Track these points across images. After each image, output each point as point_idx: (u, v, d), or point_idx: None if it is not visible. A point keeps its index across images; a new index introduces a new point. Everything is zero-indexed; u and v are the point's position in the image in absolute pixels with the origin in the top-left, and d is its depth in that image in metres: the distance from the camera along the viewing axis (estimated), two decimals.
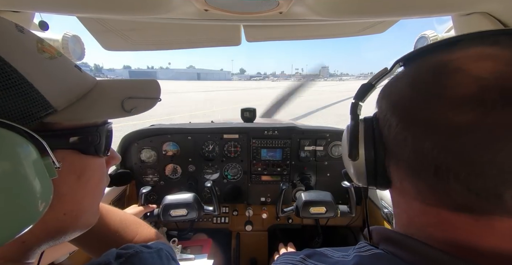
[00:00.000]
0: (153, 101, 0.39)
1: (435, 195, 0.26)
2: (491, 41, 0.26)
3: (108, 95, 0.36)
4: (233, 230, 1.33)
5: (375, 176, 0.33)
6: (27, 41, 0.29)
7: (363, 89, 0.36)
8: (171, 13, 0.69)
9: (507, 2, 0.61)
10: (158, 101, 0.40)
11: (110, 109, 0.35)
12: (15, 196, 0.24)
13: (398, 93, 0.30)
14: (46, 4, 0.62)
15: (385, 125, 0.30)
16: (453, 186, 0.24)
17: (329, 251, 0.37)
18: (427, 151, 0.25)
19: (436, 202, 0.27)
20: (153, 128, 1.28)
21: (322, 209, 1.01)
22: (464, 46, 0.28)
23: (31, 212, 0.26)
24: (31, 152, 0.25)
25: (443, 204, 0.27)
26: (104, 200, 1.01)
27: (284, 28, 0.98)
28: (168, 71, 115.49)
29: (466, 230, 0.26)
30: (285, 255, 0.39)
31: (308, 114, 9.74)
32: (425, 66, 0.29)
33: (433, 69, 0.27)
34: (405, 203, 0.32)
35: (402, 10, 0.66)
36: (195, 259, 0.96)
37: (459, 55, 0.26)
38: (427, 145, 0.25)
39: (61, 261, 0.77)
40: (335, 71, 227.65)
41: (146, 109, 0.38)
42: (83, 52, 0.87)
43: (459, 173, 0.23)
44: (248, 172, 1.31)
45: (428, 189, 0.26)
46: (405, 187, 0.30)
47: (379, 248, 0.32)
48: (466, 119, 0.22)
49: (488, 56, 0.24)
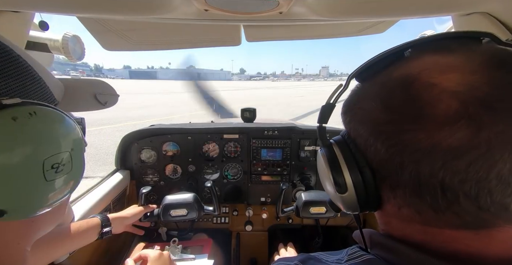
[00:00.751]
0: (116, 96, 0.50)
1: (441, 217, 0.25)
2: (442, 48, 0.26)
3: (81, 91, 0.43)
4: (233, 230, 1.33)
5: (367, 203, 0.31)
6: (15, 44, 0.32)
7: (324, 111, 0.34)
8: (171, 13, 0.69)
9: (507, 2, 0.61)
10: (118, 97, 0.51)
11: (90, 102, 0.43)
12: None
13: (370, 115, 0.28)
14: (46, 4, 0.62)
15: (369, 149, 0.28)
16: (463, 206, 0.23)
17: (323, 255, 0.37)
18: (429, 175, 0.23)
19: (440, 223, 0.26)
20: (153, 128, 1.28)
21: (322, 209, 1.01)
22: (416, 55, 0.28)
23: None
24: (78, 129, 0.31)
25: (448, 225, 0.26)
26: (104, 200, 1.02)
27: (284, 28, 0.98)
28: (168, 71, 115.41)
29: (465, 244, 0.26)
30: (280, 261, 0.39)
31: (308, 114, 9.75)
32: (390, 82, 0.27)
33: (401, 86, 0.26)
34: (401, 224, 0.30)
35: (402, 10, 0.66)
36: (195, 259, 0.96)
37: (419, 67, 0.26)
38: (427, 169, 0.23)
39: (61, 261, 0.77)
40: (335, 71, 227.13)
41: (114, 103, 0.49)
42: (83, 52, 0.87)
43: (468, 192, 0.22)
44: (248, 172, 1.31)
45: (433, 212, 0.25)
46: (404, 213, 0.28)
47: (371, 253, 0.32)
48: (461, 138, 0.22)
49: (449, 67, 0.24)
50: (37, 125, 0.25)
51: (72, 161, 0.29)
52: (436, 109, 0.23)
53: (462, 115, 0.22)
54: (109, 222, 0.85)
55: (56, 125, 0.28)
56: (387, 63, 0.29)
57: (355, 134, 0.30)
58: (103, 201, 1.01)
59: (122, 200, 1.20)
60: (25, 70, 0.29)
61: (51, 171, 0.26)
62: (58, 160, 0.27)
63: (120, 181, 1.17)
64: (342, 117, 0.33)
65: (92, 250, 0.96)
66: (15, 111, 0.24)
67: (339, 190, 0.31)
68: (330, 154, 0.32)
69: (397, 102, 0.26)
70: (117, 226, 0.90)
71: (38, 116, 0.25)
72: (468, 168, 0.22)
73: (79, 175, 0.31)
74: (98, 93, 0.44)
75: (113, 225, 0.86)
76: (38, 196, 0.26)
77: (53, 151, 0.27)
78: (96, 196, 0.98)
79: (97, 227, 0.81)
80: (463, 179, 0.22)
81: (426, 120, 0.23)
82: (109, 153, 4.56)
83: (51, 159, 0.26)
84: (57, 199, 0.29)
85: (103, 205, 1.01)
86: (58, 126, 0.28)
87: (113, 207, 1.10)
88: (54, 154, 0.27)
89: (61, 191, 0.29)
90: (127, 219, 0.95)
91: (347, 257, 0.34)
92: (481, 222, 0.24)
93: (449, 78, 0.23)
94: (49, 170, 0.26)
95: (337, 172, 0.31)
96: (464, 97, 0.22)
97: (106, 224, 0.84)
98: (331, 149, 0.32)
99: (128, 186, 1.26)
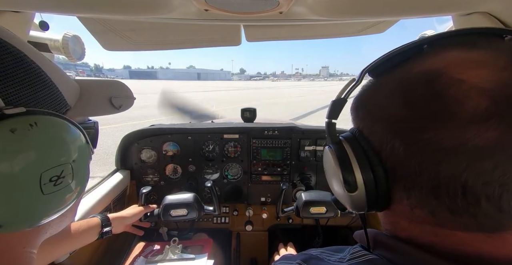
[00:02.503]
0: (132, 99, 0.47)
1: (456, 219, 0.24)
2: (468, 44, 0.25)
3: (96, 94, 0.41)
4: (233, 230, 1.33)
5: (376, 203, 0.30)
6: (32, 46, 0.31)
7: (335, 106, 0.33)
8: (171, 13, 0.69)
9: (507, 2, 0.61)
10: (134, 99, 0.48)
11: (104, 106, 0.41)
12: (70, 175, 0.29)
13: (387, 112, 0.27)
14: (46, 4, 0.62)
15: (384, 147, 0.27)
16: (483, 209, 0.22)
17: (325, 254, 0.37)
18: (451, 176, 0.22)
19: (454, 225, 0.25)
20: (153, 128, 1.28)
21: (323, 209, 1.01)
22: (437, 50, 0.26)
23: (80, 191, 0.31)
24: (82, 138, 0.31)
25: (462, 227, 0.25)
26: (105, 200, 1.02)
27: (284, 28, 0.98)
28: (168, 71, 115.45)
29: (476, 246, 0.25)
30: (281, 260, 0.38)
31: (308, 114, 9.75)
32: (410, 78, 0.26)
33: (424, 81, 0.24)
34: (409, 225, 0.29)
35: (402, 10, 0.66)
36: (195, 259, 0.96)
37: (443, 62, 0.24)
38: (449, 169, 0.22)
39: (61, 261, 0.77)
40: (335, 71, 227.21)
41: (129, 106, 0.46)
42: (83, 52, 0.87)
43: (491, 195, 0.21)
44: (248, 172, 1.31)
45: (450, 213, 0.24)
46: (416, 213, 0.27)
47: (374, 253, 0.31)
48: (490, 138, 0.20)
49: (478, 63, 0.23)
50: (37, 136, 0.25)
51: (73, 172, 0.28)
52: (463, 106, 0.21)
53: (493, 114, 0.20)
54: (109, 222, 0.85)
55: (58, 136, 0.27)
56: (404, 57, 0.28)
57: (369, 131, 0.29)
58: (103, 201, 1.01)
59: (122, 200, 1.20)
60: (36, 76, 0.28)
61: (49, 185, 0.26)
62: (58, 173, 0.26)
63: (120, 181, 1.17)
64: (353, 113, 0.32)
65: (92, 250, 0.96)
66: (15, 122, 0.23)
67: (348, 189, 0.30)
68: (340, 151, 0.31)
69: (419, 98, 0.24)
70: (117, 226, 0.90)
71: (39, 127, 0.25)
72: (495, 170, 0.21)
73: (82, 185, 0.31)
74: (113, 96, 0.42)
75: (113, 225, 0.86)
76: (35, 210, 0.26)
77: (52, 163, 0.26)
78: (96, 196, 0.98)
79: (97, 227, 0.81)
80: (487, 181, 0.21)
81: (451, 118, 0.22)
82: (109, 153, 4.56)
83: (50, 172, 0.26)
84: (58, 210, 0.28)
85: (103, 205, 1.01)
86: (60, 137, 0.27)
87: (113, 207, 1.10)
88: (53, 166, 0.26)
89: (61, 203, 0.28)
90: (127, 219, 0.95)
91: (349, 256, 0.33)
92: (498, 225, 0.24)
93: (477, 74, 0.22)
94: (46, 183, 0.25)
95: (348, 170, 0.29)
96: (495, 94, 0.21)
97: (106, 224, 0.84)
98: (341, 146, 0.31)
99: (128, 186, 1.26)
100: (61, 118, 0.28)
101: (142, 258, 0.99)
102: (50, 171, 0.25)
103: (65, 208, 0.29)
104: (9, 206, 0.24)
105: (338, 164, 0.30)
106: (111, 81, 0.46)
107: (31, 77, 0.27)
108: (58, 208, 0.28)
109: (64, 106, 0.32)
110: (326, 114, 0.34)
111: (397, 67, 0.28)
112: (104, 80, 0.46)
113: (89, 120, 0.41)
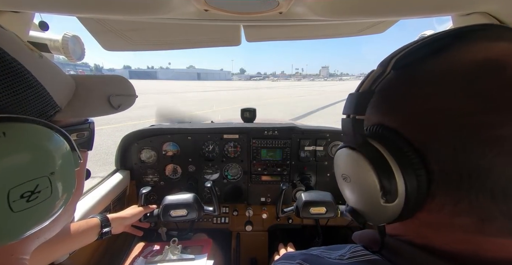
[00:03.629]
0: (133, 98, 0.42)
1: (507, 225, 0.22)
2: (507, 37, 0.24)
3: (94, 92, 0.37)
4: (233, 230, 1.33)
5: (407, 213, 0.26)
6: (18, 40, 0.29)
7: (361, 99, 0.28)
8: (171, 13, 0.69)
9: (507, 2, 0.61)
10: (136, 97, 0.43)
11: (100, 105, 0.37)
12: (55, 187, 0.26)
13: (439, 105, 0.23)
14: (46, 4, 0.62)
15: (435, 148, 0.23)
16: None
17: (326, 253, 0.36)
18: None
19: (504, 232, 0.23)
20: (153, 128, 1.28)
21: (322, 209, 1.01)
22: (490, 38, 0.24)
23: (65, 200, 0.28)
24: (65, 145, 0.28)
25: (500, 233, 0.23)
26: (104, 200, 1.02)
27: (284, 28, 0.98)
28: (168, 71, 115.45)
29: (493, 250, 0.24)
30: (281, 259, 0.38)
31: (308, 114, 9.75)
32: (468, 66, 0.23)
33: (491, 70, 0.22)
34: (434, 232, 0.26)
35: (402, 10, 0.66)
36: (195, 259, 0.96)
37: (501, 51, 0.22)
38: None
39: (61, 261, 0.77)
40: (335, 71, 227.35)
41: (129, 105, 0.41)
42: (83, 52, 0.87)
43: None
44: (248, 172, 1.31)
45: (506, 219, 0.22)
46: (457, 222, 0.24)
47: (377, 254, 0.31)
48: None
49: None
50: (4, 150, 0.22)
51: (52, 185, 0.25)
52: None
53: None
54: (108, 222, 0.85)
55: (31, 147, 0.24)
56: (444, 45, 0.25)
57: (408, 129, 0.25)
58: (103, 201, 1.01)
59: (122, 200, 1.20)
60: (16, 76, 0.25)
61: (21, 201, 0.23)
62: (31, 188, 0.24)
63: (120, 181, 1.17)
64: (376, 107, 0.28)
65: (92, 250, 0.96)
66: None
67: (388, 199, 0.25)
68: (374, 153, 0.26)
69: (488, 88, 0.21)
70: (117, 226, 0.90)
71: (7, 138, 0.22)
72: None
73: (68, 192, 0.28)
74: (113, 94, 0.38)
75: (113, 225, 0.86)
76: (6, 228, 0.23)
77: (22, 179, 0.23)
78: (96, 196, 0.98)
79: (96, 227, 0.81)
80: None
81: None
82: (109, 153, 4.56)
83: (19, 188, 0.23)
84: (39, 223, 0.26)
85: (103, 205, 1.01)
86: (35, 148, 0.24)
87: (113, 208, 1.10)
88: (23, 182, 0.23)
89: (42, 216, 0.26)
90: (127, 219, 0.95)
91: (349, 255, 0.33)
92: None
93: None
94: (17, 200, 0.23)
95: (386, 176, 0.25)
96: None
97: (106, 224, 0.84)
98: (372, 147, 0.26)
99: (128, 186, 1.26)
100: (41, 124, 0.25)
101: (141, 258, 0.99)
102: (19, 187, 0.23)
103: (49, 219, 0.27)
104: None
105: (373, 170, 0.26)
106: (112, 76, 0.41)
107: (8, 78, 0.24)
108: (38, 222, 0.26)
109: (52, 108, 0.29)
110: (343, 109, 0.29)
111: (437, 55, 0.25)
112: (105, 75, 0.42)
113: (86, 120, 0.37)
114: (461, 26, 0.26)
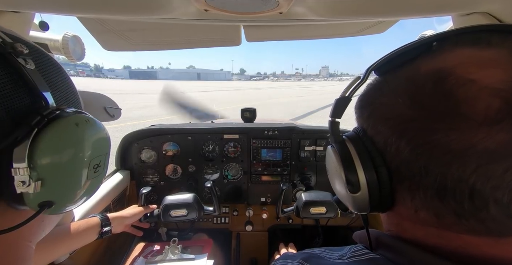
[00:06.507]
0: (119, 110, 0.59)
1: (463, 223, 0.23)
2: (480, 41, 0.24)
3: (94, 103, 0.47)
4: (233, 230, 1.33)
5: (379, 204, 0.29)
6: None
7: (339, 105, 0.32)
8: (171, 13, 0.69)
9: (507, 2, 0.61)
10: (121, 110, 0.61)
11: (102, 114, 0.47)
12: None
13: (394, 111, 0.26)
14: (46, 4, 0.62)
15: (389, 148, 0.26)
16: (491, 213, 0.22)
17: (326, 252, 0.36)
18: (458, 179, 0.22)
19: (460, 228, 0.24)
20: (153, 128, 1.28)
21: (323, 209, 1.01)
22: (447, 48, 0.25)
23: None
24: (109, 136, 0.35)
25: (469, 231, 0.24)
26: (104, 200, 1.02)
27: (284, 28, 0.98)
28: (168, 71, 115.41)
29: (483, 250, 0.25)
30: (281, 259, 0.38)
31: (308, 114, 9.74)
32: (419, 76, 0.25)
33: (433, 81, 0.24)
34: (413, 226, 0.29)
35: (402, 10, 0.66)
36: (195, 259, 0.96)
37: (453, 61, 0.24)
38: (457, 172, 0.22)
39: (61, 261, 0.77)
40: (335, 71, 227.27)
41: (119, 116, 0.58)
42: (83, 52, 0.87)
43: (499, 199, 0.21)
44: (248, 172, 1.31)
45: (456, 217, 0.23)
46: (420, 215, 0.26)
47: (376, 253, 0.31)
48: (501, 141, 0.20)
49: (490, 62, 0.22)
50: (91, 130, 0.30)
51: (105, 163, 0.33)
52: (473, 107, 0.21)
53: (505, 115, 0.20)
54: (108, 221, 0.85)
55: (100, 131, 0.32)
56: (413, 55, 0.27)
57: (374, 131, 0.29)
58: (103, 201, 1.01)
59: (122, 200, 1.20)
60: (70, 83, 0.34)
61: (92, 171, 0.30)
62: (98, 162, 0.31)
63: (120, 181, 1.17)
64: (358, 112, 0.32)
65: (92, 250, 0.96)
66: (76, 118, 0.28)
67: (351, 189, 0.29)
68: (343, 151, 0.30)
69: (428, 98, 0.24)
70: (117, 225, 0.90)
71: (90, 123, 0.30)
72: (505, 174, 0.20)
73: (104, 175, 0.35)
74: (107, 106, 0.49)
75: (113, 224, 0.86)
76: (80, 192, 0.30)
77: (97, 153, 0.31)
78: (96, 196, 0.98)
79: (96, 226, 0.81)
80: (496, 185, 0.21)
81: (460, 119, 0.21)
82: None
83: (95, 160, 0.30)
84: (91, 195, 0.33)
85: (103, 205, 1.01)
86: (102, 132, 0.32)
87: (113, 207, 1.10)
88: (97, 156, 0.31)
89: (95, 188, 0.33)
90: (127, 219, 0.95)
91: (350, 254, 0.33)
92: (506, 230, 0.23)
93: (489, 74, 0.21)
94: (91, 169, 0.30)
95: (350, 170, 0.29)
96: (507, 95, 0.20)
97: (106, 224, 0.84)
98: (344, 145, 0.31)
99: (128, 186, 1.26)
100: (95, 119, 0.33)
101: (141, 258, 0.99)
102: (95, 159, 0.30)
103: (92, 194, 0.33)
104: (65, 187, 0.28)
105: (341, 164, 0.30)
106: (98, 94, 0.53)
107: (68, 83, 0.33)
108: (91, 192, 0.32)
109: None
110: (329, 113, 0.34)
111: (405, 65, 0.27)
112: (93, 93, 0.52)
113: None
114: (443, 32, 0.27)
